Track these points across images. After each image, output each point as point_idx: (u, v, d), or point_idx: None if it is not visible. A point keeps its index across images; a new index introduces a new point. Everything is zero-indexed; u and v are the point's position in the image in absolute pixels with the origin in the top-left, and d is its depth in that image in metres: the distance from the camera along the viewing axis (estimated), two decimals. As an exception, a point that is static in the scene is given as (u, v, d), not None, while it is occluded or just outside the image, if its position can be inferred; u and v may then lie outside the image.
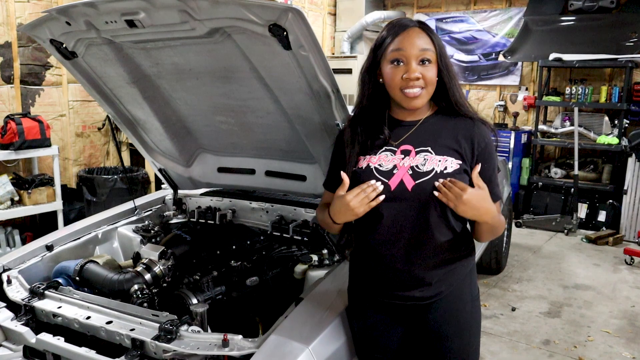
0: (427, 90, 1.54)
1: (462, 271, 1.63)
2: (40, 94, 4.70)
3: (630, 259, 4.94)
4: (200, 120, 2.49)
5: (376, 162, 1.57)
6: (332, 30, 7.91)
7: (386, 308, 1.65)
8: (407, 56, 1.50)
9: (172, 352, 1.64)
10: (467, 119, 1.58)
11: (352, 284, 1.75)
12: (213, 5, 1.69)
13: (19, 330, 1.87)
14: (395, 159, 1.56)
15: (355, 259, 1.71)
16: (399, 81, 1.52)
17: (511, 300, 4.11)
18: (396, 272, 1.58)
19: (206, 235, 2.60)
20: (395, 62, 1.52)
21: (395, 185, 1.52)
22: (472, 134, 1.56)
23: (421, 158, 1.54)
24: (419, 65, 1.51)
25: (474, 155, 1.55)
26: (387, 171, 1.55)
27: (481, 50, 7.17)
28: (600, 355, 3.33)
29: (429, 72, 1.51)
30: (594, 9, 6.03)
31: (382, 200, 1.51)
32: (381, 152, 1.59)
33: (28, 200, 4.23)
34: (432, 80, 1.53)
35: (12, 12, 4.36)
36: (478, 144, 1.56)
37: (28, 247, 2.40)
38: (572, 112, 6.06)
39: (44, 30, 2.06)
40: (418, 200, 1.52)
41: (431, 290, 1.58)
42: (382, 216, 1.55)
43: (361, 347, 1.73)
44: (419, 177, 1.51)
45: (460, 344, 1.65)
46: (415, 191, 1.51)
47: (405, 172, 1.53)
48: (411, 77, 1.49)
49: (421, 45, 1.51)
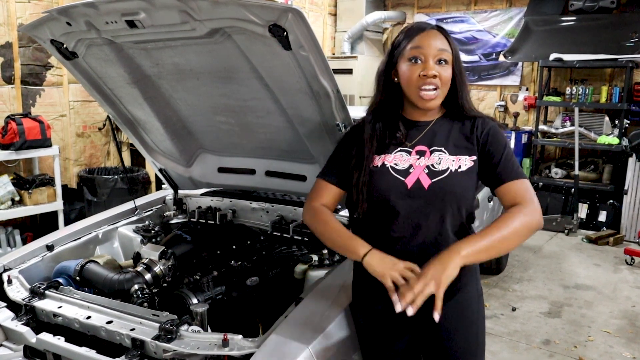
0: (442, 90, 1.57)
1: (469, 267, 1.63)
2: (40, 94, 4.70)
3: (631, 259, 4.94)
4: (200, 120, 2.49)
5: (392, 162, 1.60)
6: (333, 31, 7.91)
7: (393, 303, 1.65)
8: (425, 54, 1.54)
9: (172, 352, 1.64)
10: (473, 118, 1.63)
11: (358, 279, 1.74)
12: (213, 5, 1.69)
13: (20, 330, 1.88)
14: (410, 158, 1.59)
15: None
16: (416, 79, 1.54)
17: (511, 300, 4.11)
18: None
19: (206, 235, 2.61)
20: (413, 60, 1.55)
21: (411, 183, 1.55)
22: (477, 127, 1.61)
23: (436, 158, 1.57)
24: (436, 64, 1.54)
25: (479, 142, 1.59)
26: (404, 170, 1.58)
27: (482, 50, 7.17)
28: (600, 355, 3.32)
29: (445, 72, 1.55)
30: (594, 9, 6.03)
31: (398, 198, 1.54)
32: (396, 151, 1.62)
33: (29, 200, 4.24)
34: (448, 80, 1.56)
35: (12, 13, 4.37)
36: (481, 132, 1.60)
37: (28, 247, 2.41)
38: (572, 112, 6.06)
39: (45, 30, 2.06)
40: (434, 199, 1.54)
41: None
42: (398, 213, 1.57)
43: (367, 342, 1.74)
44: (435, 176, 1.55)
45: (468, 340, 1.66)
46: (431, 189, 1.54)
47: (421, 171, 1.56)
48: (428, 74, 1.52)
49: (439, 45, 1.55)
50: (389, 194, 1.57)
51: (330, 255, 2.23)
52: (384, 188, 1.58)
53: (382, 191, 1.58)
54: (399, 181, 1.56)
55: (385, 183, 1.58)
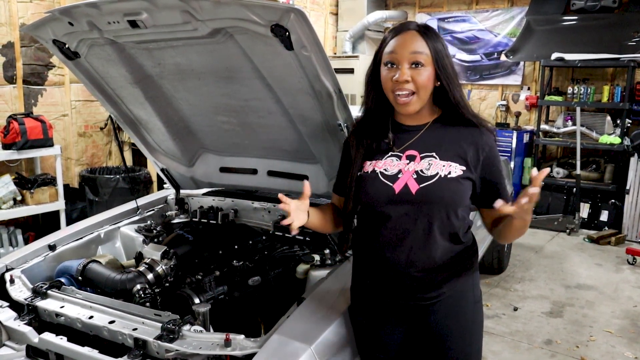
0: (419, 95, 1.53)
1: (464, 273, 1.64)
2: (42, 93, 4.71)
3: (633, 258, 4.93)
4: (202, 120, 2.49)
5: (382, 167, 1.59)
6: (334, 30, 7.91)
7: (388, 308, 1.66)
8: (398, 59, 1.52)
9: (175, 352, 1.64)
10: (471, 125, 1.59)
11: (355, 283, 1.76)
12: (215, 5, 1.69)
13: (22, 330, 1.88)
14: (400, 164, 1.58)
15: (359, 259, 1.72)
16: (391, 84, 1.53)
17: (513, 300, 4.10)
18: (399, 274, 1.58)
19: (208, 235, 2.61)
20: (389, 65, 1.54)
21: (399, 188, 1.54)
22: (476, 141, 1.57)
23: (426, 163, 1.55)
24: (411, 68, 1.51)
25: (480, 161, 1.56)
26: (392, 175, 1.57)
27: (483, 49, 7.17)
28: (602, 356, 3.32)
29: (420, 76, 1.51)
30: (596, 8, 6.02)
31: (385, 203, 1.55)
32: (387, 157, 1.61)
33: (30, 200, 4.24)
34: (424, 84, 1.52)
35: (14, 12, 4.37)
36: (482, 149, 1.57)
37: (31, 246, 2.41)
38: (574, 112, 6.05)
39: (47, 30, 2.06)
40: (422, 204, 1.53)
41: (433, 292, 1.59)
42: (387, 219, 1.57)
43: (363, 345, 1.74)
44: (423, 181, 1.53)
45: (462, 346, 1.65)
46: (419, 194, 1.53)
47: (409, 176, 1.55)
48: (399, 80, 1.50)
49: (413, 48, 1.51)
50: (377, 199, 1.57)
51: (332, 255, 2.23)
52: (372, 193, 1.58)
53: (369, 196, 1.59)
54: (387, 187, 1.55)
55: (373, 189, 1.58)
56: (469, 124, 1.58)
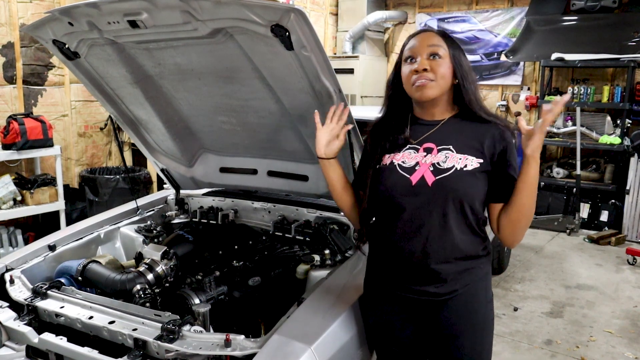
0: (438, 82, 1.59)
1: (477, 272, 1.64)
2: (42, 94, 4.71)
3: (633, 259, 4.93)
4: (202, 120, 2.49)
5: (400, 159, 1.63)
6: (334, 30, 7.91)
7: (401, 302, 1.67)
8: (417, 51, 1.60)
9: (175, 352, 1.64)
10: (488, 122, 1.62)
11: (369, 276, 1.77)
12: (215, 5, 1.69)
13: (22, 330, 1.87)
14: (417, 156, 1.62)
15: (374, 251, 1.74)
16: (411, 75, 1.59)
17: (513, 300, 4.10)
18: (413, 266, 1.60)
19: (208, 235, 2.61)
20: (409, 60, 1.62)
21: (416, 180, 1.58)
22: (493, 134, 1.60)
23: (442, 155, 1.59)
24: (429, 59, 1.58)
25: (495, 154, 1.59)
26: (410, 167, 1.60)
27: (483, 50, 7.17)
28: (602, 356, 3.32)
29: (439, 66, 1.58)
30: (596, 8, 6.02)
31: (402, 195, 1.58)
32: (405, 150, 1.65)
33: (30, 200, 4.24)
34: (443, 74, 1.59)
35: (14, 13, 4.37)
36: (499, 143, 1.60)
37: (30, 247, 2.41)
38: (574, 112, 6.05)
39: (47, 30, 2.06)
40: (438, 196, 1.56)
41: (446, 288, 1.60)
42: (403, 210, 1.59)
43: (376, 339, 1.76)
44: (440, 173, 1.56)
45: (472, 344, 1.66)
46: (435, 186, 1.56)
47: (426, 169, 1.58)
48: (419, 69, 1.57)
49: (430, 41, 1.60)
50: (394, 190, 1.60)
51: (332, 255, 2.23)
52: (389, 185, 1.62)
53: (387, 188, 1.62)
54: (404, 178, 1.59)
55: (391, 180, 1.61)
56: (487, 121, 1.62)
